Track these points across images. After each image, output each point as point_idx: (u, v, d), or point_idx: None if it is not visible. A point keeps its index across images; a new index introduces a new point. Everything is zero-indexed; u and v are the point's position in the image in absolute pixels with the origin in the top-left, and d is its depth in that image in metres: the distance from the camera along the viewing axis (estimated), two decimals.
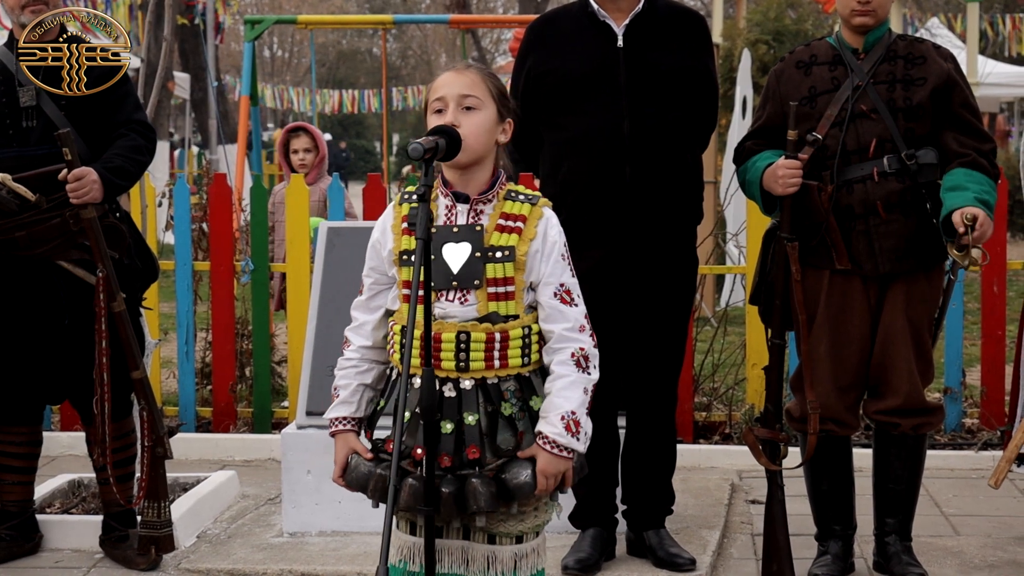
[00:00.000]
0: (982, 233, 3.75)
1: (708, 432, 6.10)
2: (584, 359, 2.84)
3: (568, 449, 2.80)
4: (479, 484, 2.76)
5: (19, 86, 4.29)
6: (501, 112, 2.90)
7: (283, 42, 43.70)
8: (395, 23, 13.42)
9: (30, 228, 4.18)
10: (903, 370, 3.99)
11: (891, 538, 4.13)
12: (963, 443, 5.90)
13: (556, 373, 2.84)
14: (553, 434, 2.79)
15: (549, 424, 2.80)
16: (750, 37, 12.77)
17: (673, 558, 4.23)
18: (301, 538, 4.66)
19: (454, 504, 2.77)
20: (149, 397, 4.30)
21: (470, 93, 2.86)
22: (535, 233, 2.85)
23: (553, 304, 2.85)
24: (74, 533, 4.66)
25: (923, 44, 4.07)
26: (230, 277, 6.28)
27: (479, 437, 2.79)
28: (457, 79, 2.87)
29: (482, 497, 2.76)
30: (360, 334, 2.95)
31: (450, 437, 2.78)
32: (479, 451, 2.78)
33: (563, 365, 2.83)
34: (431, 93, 2.89)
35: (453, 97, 2.85)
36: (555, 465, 2.80)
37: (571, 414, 2.80)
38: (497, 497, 2.78)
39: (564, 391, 2.81)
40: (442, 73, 2.92)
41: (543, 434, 2.80)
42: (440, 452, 2.78)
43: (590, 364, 2.85)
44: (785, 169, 3.90)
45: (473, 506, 2.76)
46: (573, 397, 2.81)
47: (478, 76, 2.89)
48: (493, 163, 2.91)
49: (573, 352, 2.84)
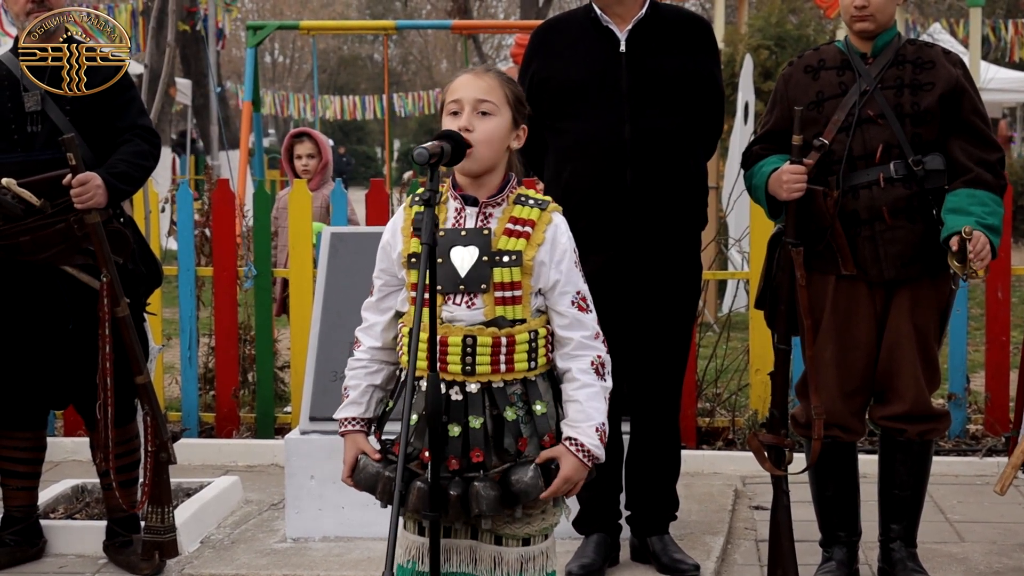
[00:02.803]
0: (980, 252, 3.74)
1: (711, 438, 6.10)
2: (601, 367, 2.87)
3: (597, 458, 2.83)
4: (481, 488, 2.77)
5: (24, 91, 4.29)
6: (516, 118, 2.90)
7: (285, 48, 43.74)
8: (397, 29, 13.41)
9: (34, 233, 4.18)
10: (909, 376, 3.98)
11: (896, 544, 4.12)
12: (967, 449, 5.90)
13: (581, 381, 2.84)
14: (590, 445, 2.81)
15: (584, 435, 2.81)
16: (752, 42, 12.77)
17: (677, 564, 4.23)
18: (304, 543, 4.66)
19: (459, 506, 2.78)
20: (153, 402, 4.30)
21: (486, 98, 2.85)
22: (543, 238, 2.85)
23: (572, 312, 2.86)
24: (78, 538, 4.66)
25: (932, 49, 4.07)
26: (233, 282, 6.28)
27: (484, 441, 2.79)
28: (475, 82, 2.87)
29: (484, 501, 2.76)
30: (370, 335, 2.95)
31: (457, 440, 2.79)
32: (483, 454, 2.79)
33: (586, 373, 2.85)
34: (448, 94, 2.89)
35: (469, 100, 2.85)
36: (580, 472, 2.82)
37: (602, 425, 2.83)
38: (501, 501, 2.79)
39: (592, 401, 2.83)
40: (460, 75, 2.92)
41: (579, 442, 2.81)
42: (448, 455, 2.79)
43: (606, 371, 2.88)
44: (790, 174, 3.90)
45: (476, 509, 2.77)
46: (602, 408, 2.84)
47: (496, 81, 2.89)
48: (504, 168, 2.91)
49: (592, 360, 2.85)
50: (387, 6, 40.86)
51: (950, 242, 3.77)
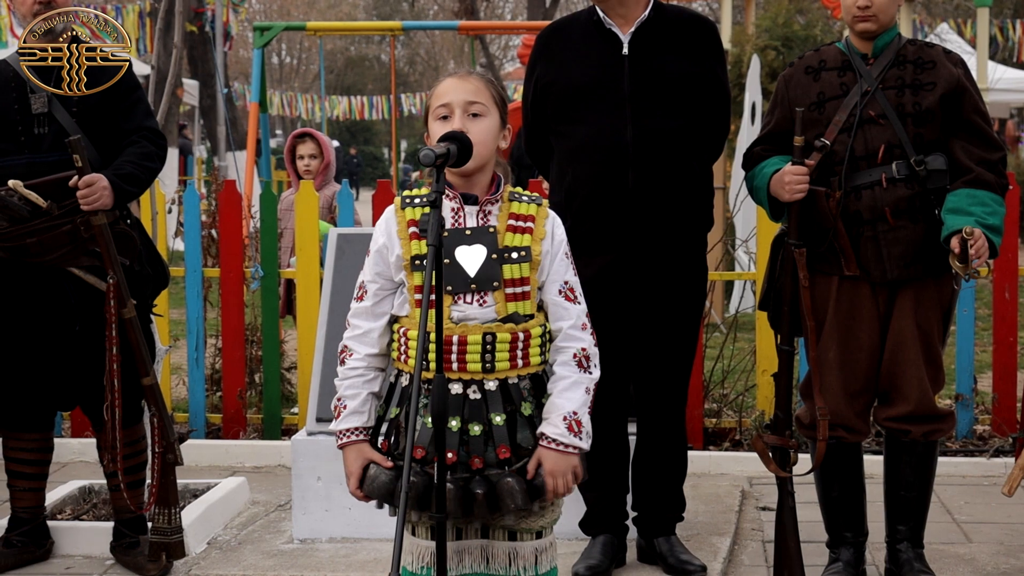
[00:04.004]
0: (980, 251, 3.74)
1: (718, 439, 6.09)
2: (585, 359, 2.89)
3: (572, 446, 2.83)
4: (514, 482, 2.79)
5: (31, 92, 4.29)
6: (503, 118, 2.95)
7: (292, 49, 43.79)
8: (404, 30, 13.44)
9: (41, 235, 4.19)
10: (913, 376, 3.98)
11: (903, 545, 4.12)
12: (975, 450, 5.89)
13: (558, 374, 2.88)
14: (555, 434, 2.83)
15: (551, 425, 2.84)
16: (759, 43, 12.77)
17: (684, 565, 4.22)
18: (311, 545, 4.66)
19: (486, 504, 2.78)
20: (160, 403, 4.30)
21: (476, 100, 2.89)
22: (545, 232, 2.91)
23: (558, 301, 2.90)
24: (85, 539, 4.67)
25: (933, 49, 4.07)
26: (240, 283, 6.29)
27: (508, 437, 2.81)
28: (462, 86, 2.90)
29: (519, 495, 2.79)
30: (365, 342, 2.93)
31: (479, 439, 2.80)
32: (509, 451, 2.80)
33: (565, 366, 2.88)
34: (434, 99, 2.91)
35: (459, 104, 2.87)
36: (562, 464, 2.83)
37: (572, 414, 2.84)
38: (528, 494, 2.81)
39: (565, 392, 2.86)
40: (445, 79, 2.94)
41: (546, 435, 2.84)
42: (470, 455, 2.80)
43: (591, 363, 2.90)
44: (792, 175, 3.89)
45: (511, 504, 2.79)
46: (575, 397, 2.85)
47: (481, 83, 2.93)
48: (492, 166, 2.95)
49: (575, 352, 2.88)
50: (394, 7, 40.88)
51: (951, 242, 3.76)
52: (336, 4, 40.17)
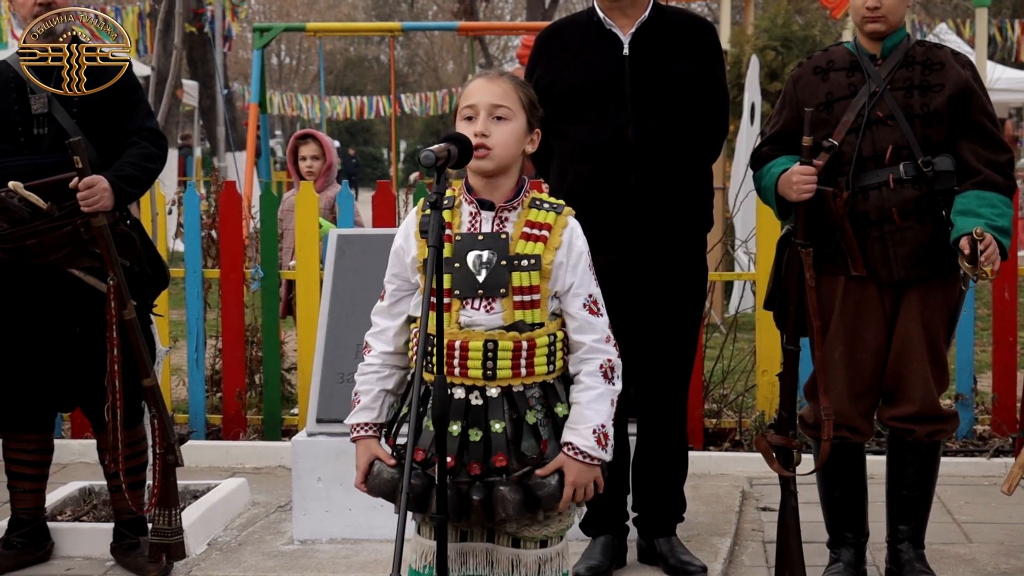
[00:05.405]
0: (991, 254, 3.73)
1: (718, 439, 6.09)
2: (611, 370, 2.87)
3: (598, 459, 2.83)
4: (507, 492, 2.78)
5: (31, 93, 4.29)
6: (531, 122, 2.92)
7: (291, 49, 43.78)
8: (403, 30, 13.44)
9: (41, 236, 4.19)
10: (918, 377, 3.98)
11: (904, 545, 4.12)
12: (975, 450, 5.89)
13: (585, 384, 2.85)
14: (584, 446, 2.81)
15: (580, 436, 2.82)
16: (758, 43, 12.76)
17: (684, 566, 4.22)
18: (312, 546, 4.66)
19: (483, 511, 2.78)
20: (160, 404, 4.30)
21: (502, 103, 2.87)
22: (560, 242, 2.87)
23: (583, 315, 2.87)
24: (85, 541, 4.67)
25: (941, 50, 4.07)
26: (240, 284, 6.29)
27: (506, 445, 2.80)
28: (490, 87, 2.88)
29: (511, 505, 2.78)
30: (382, 340, 2.95)
31: (478, 445, 2.79)
32: (506, 459, 2.79)
33: (592, 376, 2.86)
34: (462, 99, 2.90)
35: (485, 106, 2.86)
36: (586, 475, 2.83)
37: (601, 427, 2.83)
38: (524, 504, 2.79)
39: (594, 404, 2.84)
40: (475, 79, 2.92)
41: (574, 446, 2.82)
42: (469, 460, 2.79)
43: (615, 375, 2.88)
44: (800, 175, 3.89)
45: (502, 513, 2.78)
46: (603, 410, 2.84)
47: (511, 86, 2.90)
48: (518, 171, 2.92)
49: (601, 364, 2.86)
50: (393, 8, 40.91)
51: (960, 244, 3.76)
52: (335, 5, 40.16)
